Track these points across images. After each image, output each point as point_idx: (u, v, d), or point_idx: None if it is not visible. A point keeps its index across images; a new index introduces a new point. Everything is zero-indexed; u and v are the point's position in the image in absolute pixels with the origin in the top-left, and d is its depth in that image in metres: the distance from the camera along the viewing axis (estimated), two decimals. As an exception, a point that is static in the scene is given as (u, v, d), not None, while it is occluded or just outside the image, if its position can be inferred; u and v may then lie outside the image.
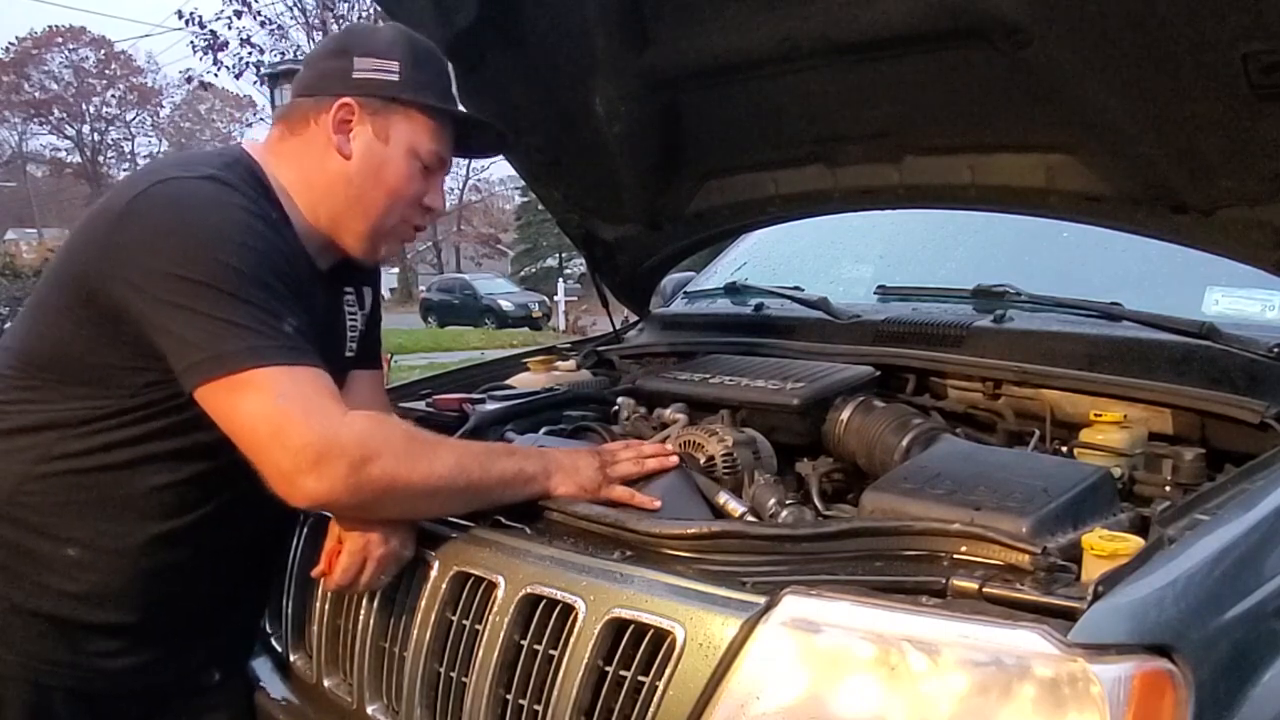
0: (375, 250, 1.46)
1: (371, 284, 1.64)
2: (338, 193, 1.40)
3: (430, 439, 1.29)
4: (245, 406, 1.18)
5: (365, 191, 1.40)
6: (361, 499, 1.21)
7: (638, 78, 1.93)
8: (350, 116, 1.38)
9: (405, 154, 1.39)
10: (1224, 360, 1.60)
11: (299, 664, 1.57)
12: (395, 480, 1.21)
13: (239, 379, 1.17)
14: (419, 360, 11.72)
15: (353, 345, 1.57)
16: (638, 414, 1.83)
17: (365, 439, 1.18)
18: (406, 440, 1.24)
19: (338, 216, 1.41)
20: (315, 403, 1.19)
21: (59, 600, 1.30)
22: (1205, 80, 1.40)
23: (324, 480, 1.17)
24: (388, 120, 1.38)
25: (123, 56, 39.84)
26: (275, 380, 1.18)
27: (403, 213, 1.44)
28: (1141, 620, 0.93)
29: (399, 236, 1.47)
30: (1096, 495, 1.25)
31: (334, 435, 1.17)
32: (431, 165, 1.43)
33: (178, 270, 1.19)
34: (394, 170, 1.39)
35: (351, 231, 1.42)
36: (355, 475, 1.17)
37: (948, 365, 1.82)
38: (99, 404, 1.27)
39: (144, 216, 1.23)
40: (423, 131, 1.40)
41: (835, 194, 2.04)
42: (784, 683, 1.02)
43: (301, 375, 1.20)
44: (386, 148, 1.38)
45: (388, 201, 1.41)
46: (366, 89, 1.38)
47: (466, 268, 38.36)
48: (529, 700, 1.20)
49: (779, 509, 1.45)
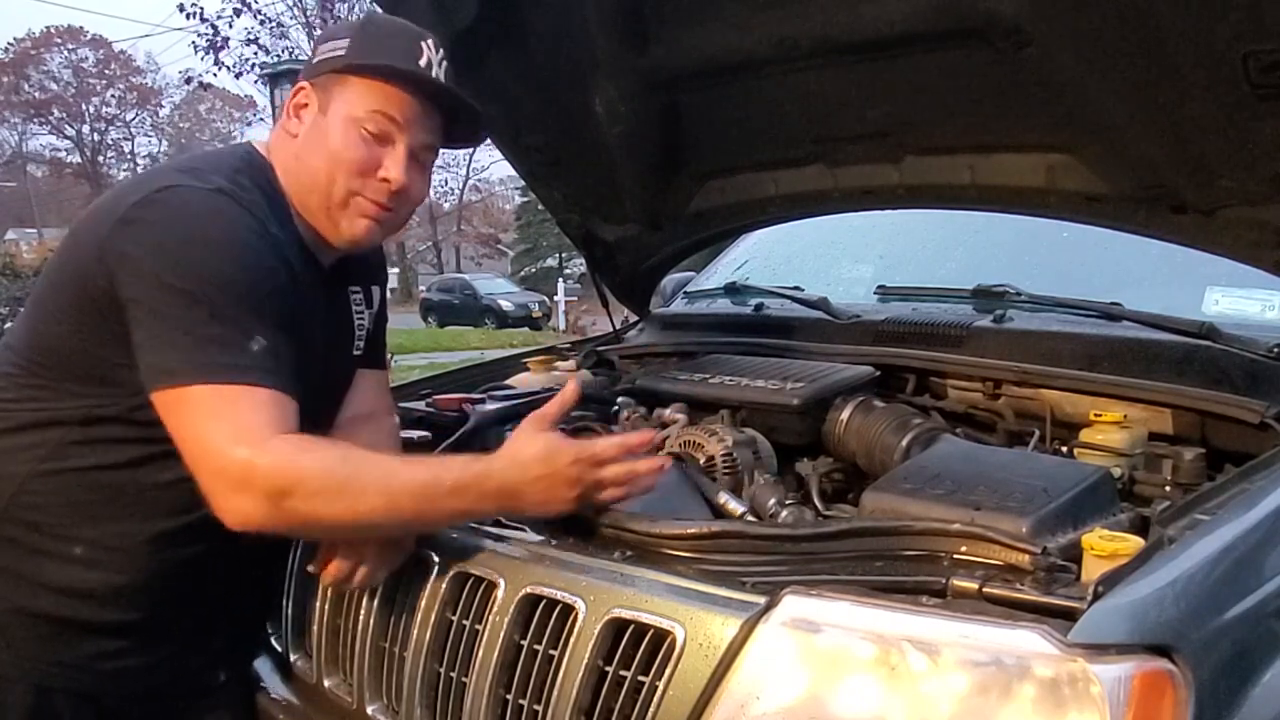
0: (337, 228, 1.38)
1: (379, 283, 1.62)
2: (293, 173, 1.38)
3: (354, 472, 1.19)
4: (182, 422, 1.19)
5: (309, 163, 1.36)
6: (286, 528, 1.22)
7: (638, 78, 1.93)
8: (306, 100, 1.38)
9: (343, 120, 1.34)
10: (1224, 360, 1.60)
11: (299, 664, 1.57)
12: (313, 517, 1.18)
13: (180, 394, 1.17)
14: (419, 360, 11.72)
15: (360, 344, 1.55)
16: (638, 414, 1.83)
17: (280, 471, 1.15)
18: (324, 477, 1.17)
19: (301, 199, 1.38)
20: (244, 426, 1.16)
21: (63, 600, 1.30)
22: (1205, 80, 1.40)
23: (244, 507, 1.16)
24: (329, 93, 1.36)
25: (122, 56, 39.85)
26: (212, 400, 1.16)
27: (349, 183, 1.35)
28: (1141, 620, 0.93)
29: (357, 211, 1.37)
30: (1096, 495, 1.25)
31: (250, 464, 1.14)
32: (377, 130, 1.35)
33: (162, 277, 1.19)
34: (333, 137, 1.34)
35: (312, 210, 1.38)
36: (273, 507, 1.15)
37: (948, 365, 1.82)
38: (101, 401, 1.27)
39: (143, 222, 1.22)
40: (359, 95, 1.35)
41: (835, 194, 2.04)
42: (784, 683, 1.02)
43: (244, 396, 1.17)
44: (326, 118, 1.35)
45: (328, 168, 1.35)
46: (317, 69, 1.38)
47: (466, 268, 38.34)
48: (529, 700, 1.19)
49: (779, 509, 1.45)
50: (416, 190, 1.41)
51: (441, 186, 36.23)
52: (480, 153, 33.29)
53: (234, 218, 1.25)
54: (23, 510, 1.29)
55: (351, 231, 1.38)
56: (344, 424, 1.51)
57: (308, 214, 1.39)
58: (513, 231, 38.71)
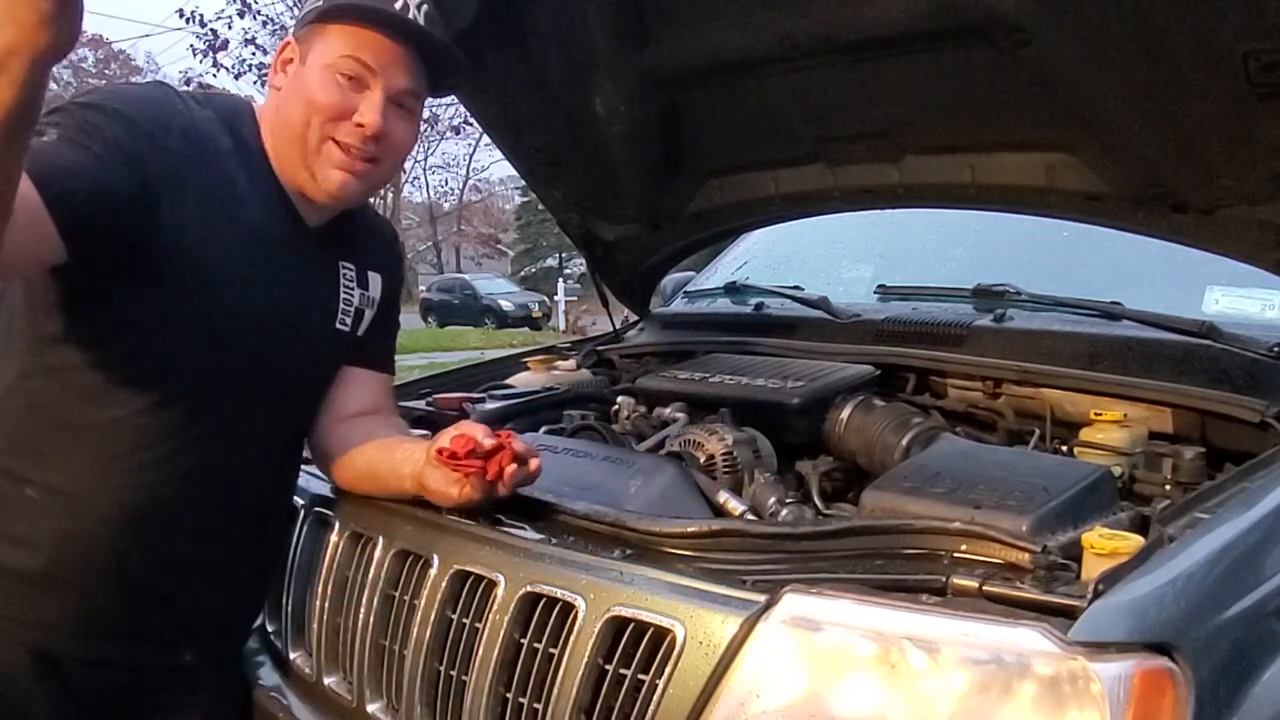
0: (314, 178, 1.38)
1: (384, 272, 1.57)
2: (274, 126, 1.39)
3: None
4: None
5: (287, 114, 1.37)
6: None
7: (638, 77, 1.93)
8: (291, 56, 1.39)
9: (320, 67, 1.35)
10: (1224, 359, 1.61)
11: (299, 662, 1.57)
12: None
13: None
14: (419, 360, 11.72)
15: (346, 319, 1.51)
16: (638, 413, 1.84)
17: None
18: None
19: (280, 152, 1.39)
20: None
21: (20, 551, 1.28)
22: (1205, 80, 1.40)
23: None
24: (309, 45, 1.37)
25: (122, 56, 39.85)
26: None
27: (323, 128, 1.35)
28: (1142, 619, 0.93)
29: (332, 161, 1.37)
30: (1096, 494, 1.25)
31: None
32: (352, 73, 1.35)
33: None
34: (309, 83, 1.35)
35: (290, 162, 1.38)
36: None
37: (948, 364, 1.82)
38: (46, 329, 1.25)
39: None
40: (335, 40, 1.35)
41: (835, 193, 2.04)
42: (784, 681, 1.02)
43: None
44: (304, 67, 1.37)
45: (304, 113, 1.35)
46: (301, 23, 1.40)
47: (466, 268, 38.34)
48: (529, 699, 1.19)
49: (779, 507, 1.45)
50: (398, 136, 1.40)
51: (441, 186, 36.32)
52: (480, 153, 33.38)
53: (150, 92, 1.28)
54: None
55: (327, 183, 1.37)
56: (349, 420, 1.51)
57: (291, 170, 1.39)
58: (513, 231, 38.74)
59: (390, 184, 18.29)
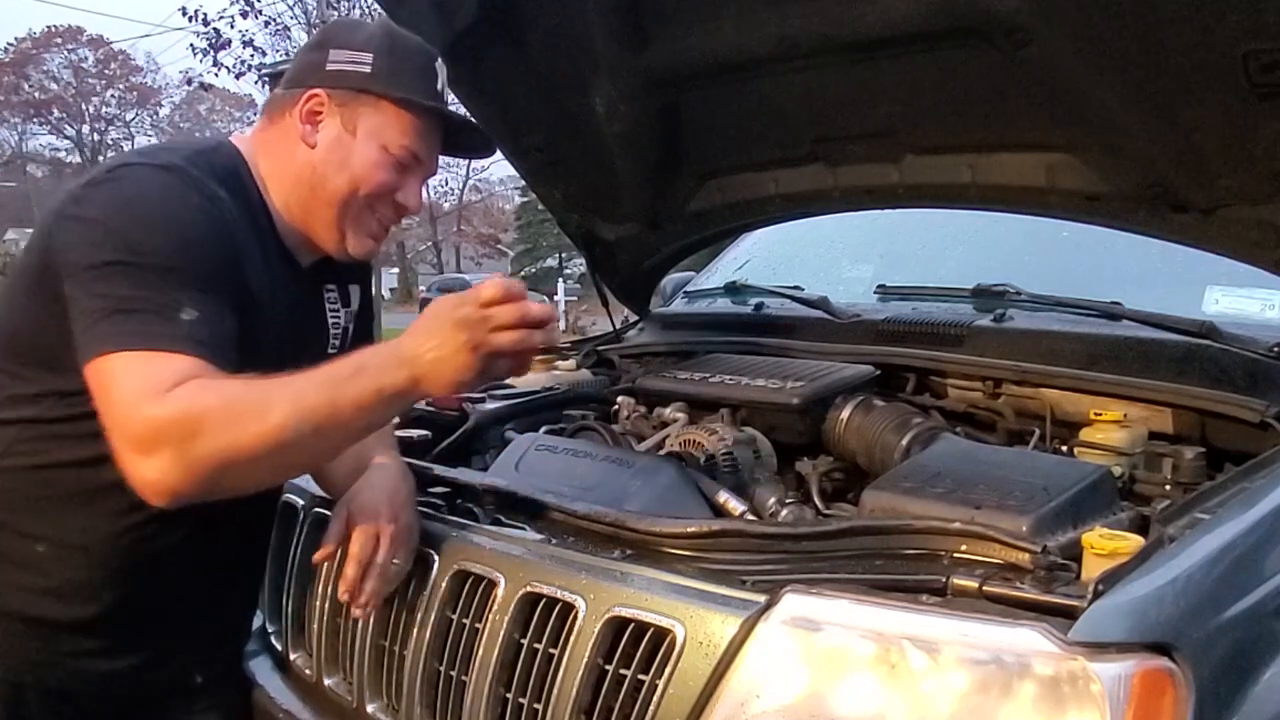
0: (343, 242, 1.40)
1: (358, 281, 1.59)
2: (304, 182, 1.38)
3: (260, 394, 1.13)
4: (99, 394, 1.14)
5: (329, 179, 1.36)
6: (202, 480, 1.11)
7: (638, 78, 1.93)
8: (320, 108, 1.37)
9: (373, 146, 1.36)
10: (1224, 359, 1.60)
11: (299, 663, 1.57)
12: (230, 450, 1.10)
13: (99, 364, 1.13)
14: (419, 360, 11.67)
15: (335, 342, 1.53)
16: (638, 413, 1.84)
17: (182, 416, 1.09)
18: (227, 404, 1.11)
19: (306, 206, 1.38)
20: (149, 386, 1.10)
21: (30, 598, 1.29)
22: (1205, 80, 1.40)
23: (157, 467, 1.09)
24: (356, 112, 1.36)
25: (122, 56, 39.85)
26: (128, 367, 1.12)
27: (368, 203, 1.38)
28: (1141, 619, 0.93)
29: (366, 230, 1.40)
30: (1096, 494, 1.25)
31: (154, 420, 1.09)
32: (403, 160, 1.38)
33: (95, 250, 1.17)
34: (359, 159, 1.36)
35: (319, 220, 1.39)
36: (184, 457, 1.09)
37: (948, 364, 1.82)
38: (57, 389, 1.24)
39: (88, 202, 1.22)
40: (392, 123, 1.37)
41: (835, 193, 2.04)
42: (784, 681, 1.02)
43: (160, 360, 1.12)
44: (354, 140, 1.36)
45: (350, 188, 1.36)
46: (338, 80, 1.37)
47: (466, 268, 38.34)
48: (529, 699, 1.19)
49: (779, 508, 1.45)
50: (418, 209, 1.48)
51: (441, 186, 36.26)
52: (480, 153, 33.26)
53: (176, 192, 1.24)
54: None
55: (359, 249, 1.42)
56: None
57: (309, 223, 1.39)
58: (513, 231, 38.72)
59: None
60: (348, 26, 1.46)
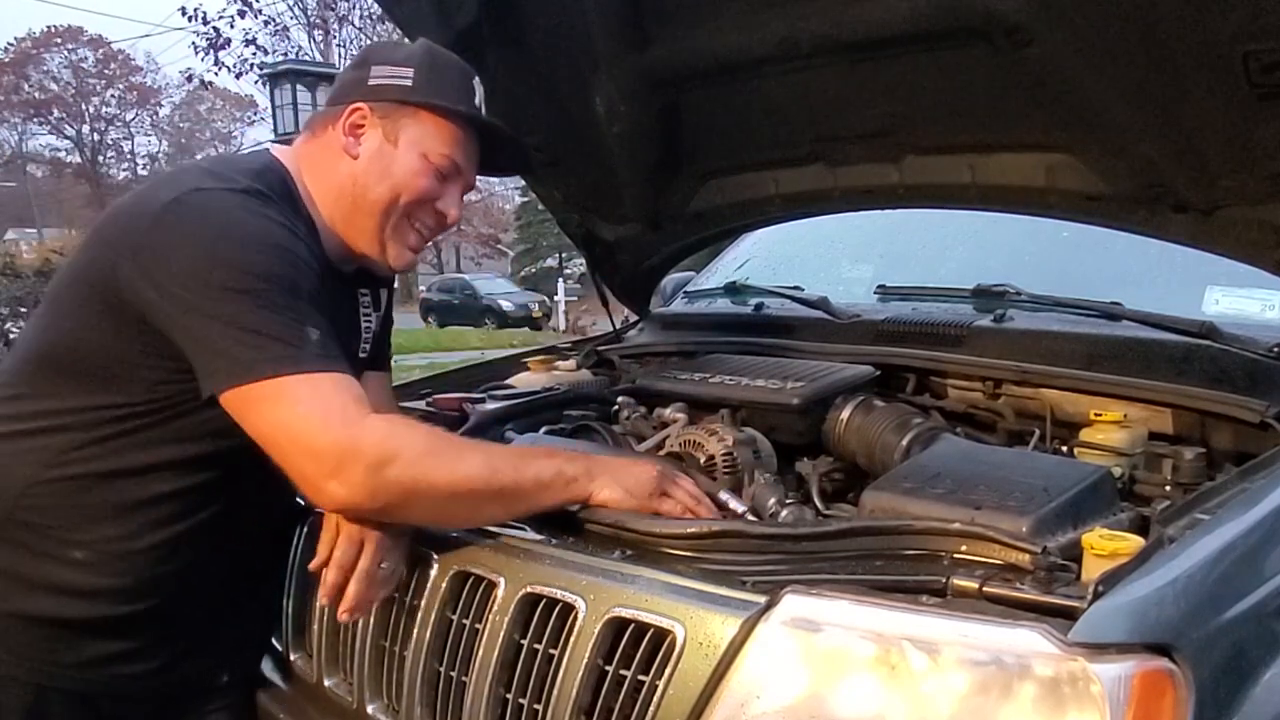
0: (384, 251, 1.44)
1: (387, 285, 1.64)
2: (346, 193, 1.41)
3: (457, 442, 1.28)
4: (267, 415, 1.19)
5: (371, 188, 1.39)
6: (383, 502, 1.20)
7: (638, 78, 1.93)
8: (362, 121, 1.40)
9: (414, 154, 1.39)
10: (1224, 360, 1.60)
11: (299, 663, 1.57)
12: (417, 483, 1.19)
13: (260, 388, 1.18)
14: (419, 360, 11.71)
15: (366, 346, 1.57)
16: (638, 414, 1.83)
17: (383, 441, 1.18)
18: (428, 442, 1.22)
19: (348, 217, 1.42)
20: (335, 408, 1.19)
21: (63, 601, 1.30)
22: (1205, 80, 1.40)
23: (344, 485, 1.17)
24: (397, 123, 1.39)
25: (121, 56, 39.83)
26: (295, 389, 1.18)
27: (409, 210, 1.42)
28: (1141, 619, 0.93)
29: (405, 240, 1.45)
30: (1096, 494, 1.25)
31: (351, 439, 1.17)
32: (444, 169, 1.42)
33: (209, 278, 1.20)
34: (401, 168, 1.39)
35: (361, 231, 1.42)
36: (373, 478, 1.17)
37: (948, 365, 1.82)
38: (108, 403, 1.27)
39: (178, 223, 1.23)
40: (432, 133, 1.40)
41: (835, 194, 2.04)
42: (784, 682, 1.02)
43: (323, 382, 1.20)
44: (395, 149, 1.39)
45: (391, 196, 1.39)
46: (379, 94, 1.40)
47: (466, 268, 38.32)
48: (529, 699, 1.19)
49: (779, 508, 1.45)
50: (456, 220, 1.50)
51: (441, 186, 36.16)
52: (480, 153, 33.28)
53: (259, 213, 1.27)
54: (26, 513, 1.29)
55: (399, 260, 1.45)
56: None
57: (351, 233, 1.43)
58: (513, 231, 38.67)
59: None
60: (388, 46, 1.50)
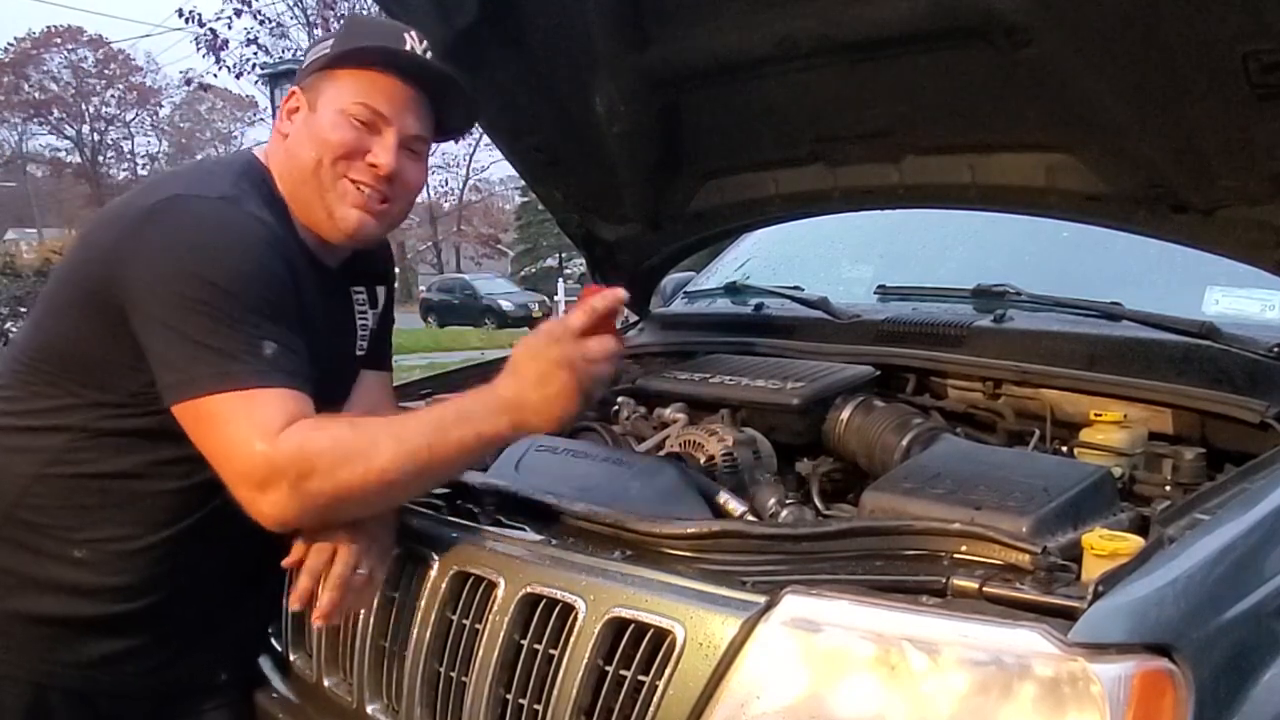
0: (331, 218, 1.38)
1: (384, 283, 1.62)
2: (287, 172, 1.39)
3: (367, 436, 1.21)
4: (205, 433, 1.20)
5: (299, 155, 1.37)
6: (314, 514, 1.21)
7: (638, 78, 1.93)
8: (297, 105, 1.40)
9: (330, 111, 1.36)
10: (1224, 360, 1.60)
11: (299, 663, 1.57)
12: (339, 489, 1.18)
13: (201, 404, 1.19)
14: (419, 360, 11.70)
15: (363, 344, 1.56)
16: (637, 414, 1.83)
17: (295, 455, 1.17)
18: (338, 447, 1.19)
19: (294, 194, 1.39)
20: (258, 425, 1.17)
21: (63, 600, 1.30)
22: (1205, 80, 1.40)
23: (273, 505, 1.17)
24: (317, 91, 1.38)
25: (121, 56, 39.82)
26: (230, 406, 1.18)
27: (337, 165, 1.36)
28: (1141, 620, 0.93)
29: (346, 199, 1.37)
30: (1096, 495, 1.25)
31: (267, 458, 1.16)
32: (360, 117, 1.36)
33: (172, 288, 1.21)
34: (320, 127, 1.36)
35: (306, 204, 1.38)
36: (297, 494, 1.17)
37: (948, 365, 1.82)
38: (102, 402, 1.27)
39: (151, 232, 1.24)
40: (348, 87, 1.37)
41: (835, 194, 2.04)
42: (784, 682, 1.02)
43: (261, 399, 1.19)
44: (315, 114, 1.38)
45: (316, 152, 1.36)
46: (306, 73, 1.41)
47: (466, 268, 38.30)
48: (529, 700, 1.20)
49: (779, 508, 1.45)
50: (411, 178, 1.42)
51: (441, 186, 36.30)
52: (480, 153, 33.36)
53: (240, 225, 1.27)
54: (26, 512, 1.29)
55: (345, 222, 1.38)
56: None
57: (306, 212, 1.40)
58: (513, 231, 38.69)
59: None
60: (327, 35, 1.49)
